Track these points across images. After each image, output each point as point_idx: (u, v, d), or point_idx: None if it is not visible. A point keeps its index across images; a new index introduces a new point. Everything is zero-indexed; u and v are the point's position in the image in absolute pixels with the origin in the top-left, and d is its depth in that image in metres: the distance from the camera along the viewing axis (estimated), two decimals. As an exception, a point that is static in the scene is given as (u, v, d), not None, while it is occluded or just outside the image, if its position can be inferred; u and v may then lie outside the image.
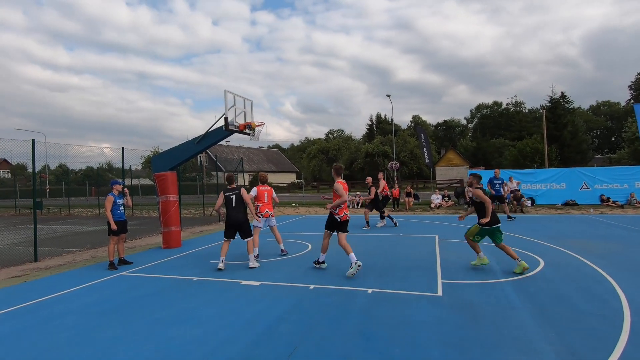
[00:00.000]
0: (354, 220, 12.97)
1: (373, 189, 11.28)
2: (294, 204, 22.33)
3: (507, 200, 15.62)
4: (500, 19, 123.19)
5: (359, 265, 5.67)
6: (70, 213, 22.13)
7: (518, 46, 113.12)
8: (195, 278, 6.01)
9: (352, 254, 5.77)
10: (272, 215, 7.59)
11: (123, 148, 10.52)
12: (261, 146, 64.45)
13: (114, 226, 6.85)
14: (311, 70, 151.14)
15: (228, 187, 6.86)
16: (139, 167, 47.52)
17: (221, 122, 8.40)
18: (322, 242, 6.39)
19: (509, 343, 3.37)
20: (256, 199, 7.42)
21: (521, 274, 5.52)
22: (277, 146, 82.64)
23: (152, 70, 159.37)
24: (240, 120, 8.69)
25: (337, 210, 5.96)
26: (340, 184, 6.01)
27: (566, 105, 36.05)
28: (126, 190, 7.34)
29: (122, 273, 6.58)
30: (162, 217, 8.93)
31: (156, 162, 9.17)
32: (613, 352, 3.13)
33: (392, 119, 34.78)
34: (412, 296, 4.72)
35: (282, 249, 7.67)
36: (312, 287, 5.28)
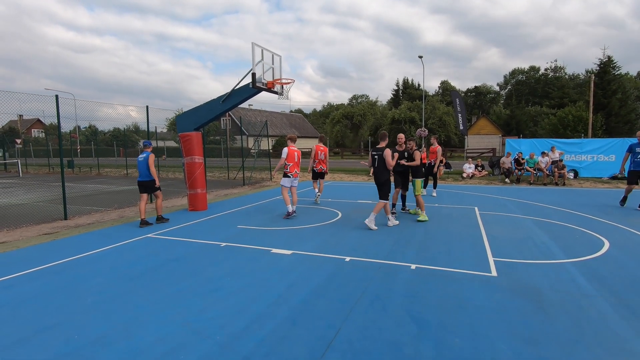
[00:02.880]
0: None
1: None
2: (310, 172, 21.86)
3: (548, 172, 14.56)
4: None
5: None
6: (100, 172, 22.63)
7: (558, 5, 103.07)
8: (223, 244, 5.73)
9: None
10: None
11: (147, 107, 10.17)
12: (283, 110, 63.53)
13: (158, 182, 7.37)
14: (332, 32, 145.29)
15: (377, 146, 6.72)
16: (164, 130, 48.04)
17: (248, 79, 7.80)
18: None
19: (591, 339, 2.84)
20: (287, 158, 7.61)
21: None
22: (299, 111, 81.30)
23: (172, 32, 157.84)
24: (269, 77, 8.04)
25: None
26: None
27: (614, 70, 32.79)
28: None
29: (149, 235, 6.39)
30: (188, 179, 8.66)
31: (181, 121, 8.77)
32: None
33: (418, 85, 32.92)
34: (462, 275, 4.21)
35: (293, 211, 7.67)
36: (347, 259, 4.86)
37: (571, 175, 15.43)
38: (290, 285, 4.02)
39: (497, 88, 71.50)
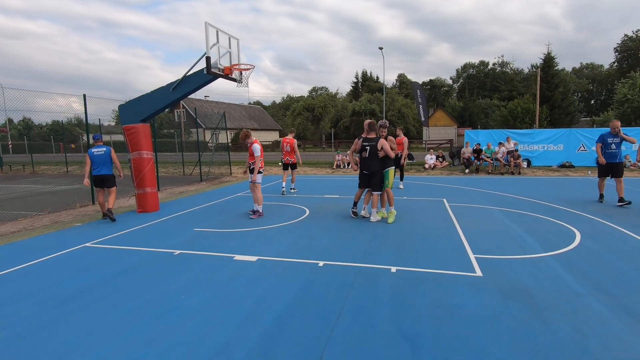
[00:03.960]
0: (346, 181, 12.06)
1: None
2: (279, 163, 21.18)
3: (504, 162, 15.07)
4: None
5: None
6: (35, 171, 20.25)
7: (501, 4, 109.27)
8: (177, 251, 5.00)
9: None
10: None
11: (85, 95, 8.90)
12: (242, 102, 61.54)
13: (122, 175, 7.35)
14: (289, 23, 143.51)
15: (367, 135, 6.44)
16: (112, 123, 44.50)
17: (202, 65, 6.97)
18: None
19: (597, 348, 2.59)
20: (253, 157, 6.92)
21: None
22: (258, 103, 79.31)
23: (117, 18, 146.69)
24: (225, 63, 7.26)
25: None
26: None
27: (555, 66, 35.12)
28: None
29: (87, 244, 5.47)
30: (135, 177, 7.69)
31: (125, 112, 7.73)
32: None
33: (377, 77, 33.10)
34: (446, 277, 3.89)
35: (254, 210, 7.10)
36: (321, 263, 4.38)
37: (525, 164, 16.12)
38: (260, 300, 3.46)
39: (451, 82, 74.48)
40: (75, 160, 23.23)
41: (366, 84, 57.05)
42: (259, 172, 6.93)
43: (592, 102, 63.65)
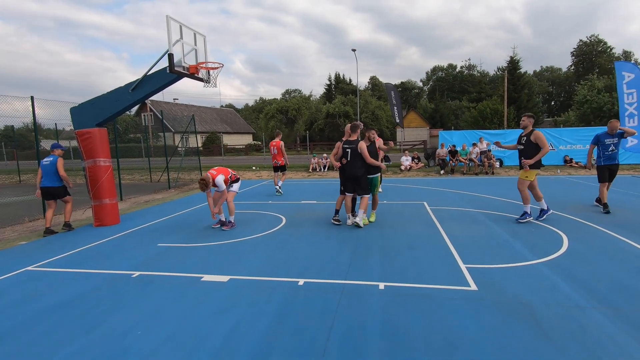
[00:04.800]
0: (323, 185, 11.71)
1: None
2: (254, 167, 20.53)
3: (478, 162, 15.22)
4: None
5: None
6: (-17, 180, 18.50)
7: (466, 9, 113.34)
8: (137, 273, 4.39)
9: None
10: None
11: (32, 97, 7.99)
12: (214, 105, 59.99)
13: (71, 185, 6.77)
14: (259, 26, 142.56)
15: (349, 138, 6.21)
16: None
17: (164, 63, 6.35)
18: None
19: (616, 374, 2.30)
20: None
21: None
22: (230, 106, 77.68)
23: (77, 18, 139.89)
24: (191, 61, 6.68)
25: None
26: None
27: (519, 68, 36.52)
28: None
29: (29, 267, 4.74)
30: (91, 187, 6.93)
31: (78, 115, 6.95)
32: None
33: (350, 80, 33.08)
34: (440, 293, 3.55)
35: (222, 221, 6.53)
36: (301, 282, 3.93)
37: (497, 164, 16.37)
38: (232, 331, 2.96)
39: (421, 84, 76.08)
40: (31, 169, 21.49)
41: (339, 86, 57.11)
42: (236, 181, 6.47)
43: (553, 103, 66.85)
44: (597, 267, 4.07)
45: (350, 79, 58.79)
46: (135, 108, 43.43)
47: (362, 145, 6.01)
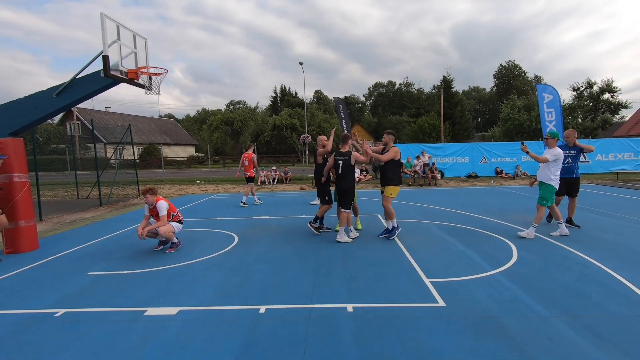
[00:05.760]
0: (271, 198, 11.36)
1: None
2: (198, 181, 19.42)
3: (422, 174, 15.97)
4: (385, 4, 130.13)
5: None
6: None
7: (401, 31, 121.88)
8: (61, 311, 3.67)
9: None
10: None
11: None
12: (152, 115, 56.44)
13: None
14: (200, 35, 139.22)
15: (340, 149, 6.09)
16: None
17: (98, 66, 5.64)
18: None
19: (591, 387, 2.31)
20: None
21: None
22: (170, 116, 73.76)
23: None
24: (130, 65, 6.03)
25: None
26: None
27: (452, 87, 39.77)
28: None
29: None
30: (2, 207, 5.85)
31: (-15, 122, 5.88)
32: None
33: (295, 93, 33.32)
34: (410, 312, 3.42)
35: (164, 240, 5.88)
36: (263, 309, 3.56)
37: (439, 175, 17.32)
38: (184, 377, 2.52)
39: (364, 99, 79.29)
40: None
41: (285, 99, 57.22)
42: (178, 222, 5.88)
43: (480, 119, 73.61)
44: (548, 275, 4.28)
45: (296, 92, 59.28)
46: (60, 116, 39.17)
47: (356, 156, 5.98)
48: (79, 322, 3.42)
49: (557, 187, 5.99)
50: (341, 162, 5.96)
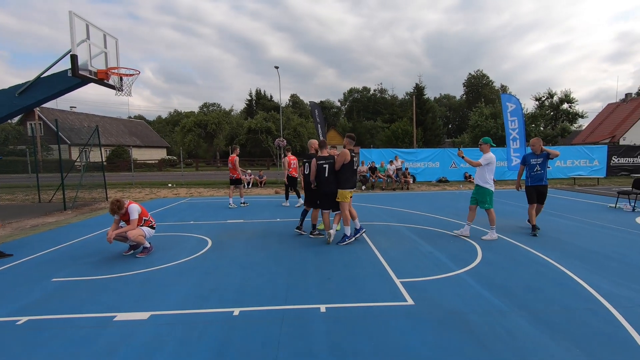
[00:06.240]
0: (256, 202, 11.29)
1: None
2: (170, 184, 18.95)
3: (395, 178, 16.36)
4: (360, 11, 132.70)
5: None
6: None
7: (375, 38, 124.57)
8: (23, 319, 3.53)
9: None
10: None
11: None
12: (120, 116, 54.47)
13: None
14: (173, 35, 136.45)
15: (319, 154, 6.37)
16: None
17: (65, 65, 5.46)
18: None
19: (543, 375, 2.51)
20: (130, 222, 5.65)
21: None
22: (140, 117, 71.43)
23: None
24: (100, 65, 5.88)
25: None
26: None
27: (424, 94, 41.08)
28: None
29: None
30: (-44, 212, 5.51)
31: (-62, 121, 5.54)
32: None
33: (271, 96, 33.32)
34: (380, 310, 3.55)
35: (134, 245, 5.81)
36: (236, 311, 3.58)
37: (411, 180, 17.81)
38: (156, 381, 2.51)
39: (339, 104, 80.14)
40: None
41: (261, 102, 56.97)
42: (151, 228, 5.85)
43: (450, 126, 76.25)
44: (509, 273, 4.56)
45: (271, 96, 59.17)
46: (19, 116, 37.02)
47: (340, 158, 6.06)
48: (43, 329, 3.31)
49: (493, 190, 6.35)
50: (327, 166, 6.13)
